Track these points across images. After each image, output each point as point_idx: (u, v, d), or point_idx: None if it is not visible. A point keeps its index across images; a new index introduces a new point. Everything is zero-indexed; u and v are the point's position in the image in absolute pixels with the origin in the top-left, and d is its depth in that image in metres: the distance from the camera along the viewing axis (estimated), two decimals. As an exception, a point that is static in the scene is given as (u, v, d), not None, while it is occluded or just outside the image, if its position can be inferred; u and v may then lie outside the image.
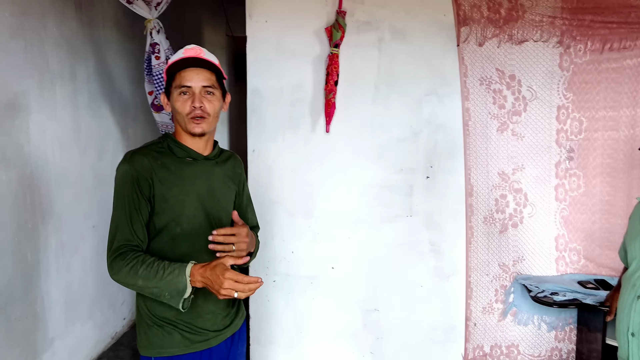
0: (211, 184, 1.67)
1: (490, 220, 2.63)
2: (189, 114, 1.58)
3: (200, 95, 1.58)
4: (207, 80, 1.60)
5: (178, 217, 1.59)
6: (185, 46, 1.64)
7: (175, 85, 1.59)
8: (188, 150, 1.64)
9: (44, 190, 2.77)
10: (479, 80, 2.55)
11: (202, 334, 1.64)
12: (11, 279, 2.51)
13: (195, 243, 1.62)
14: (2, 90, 2.43)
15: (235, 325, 1.76)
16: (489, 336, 2.70)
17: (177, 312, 1.58)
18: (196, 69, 1.58)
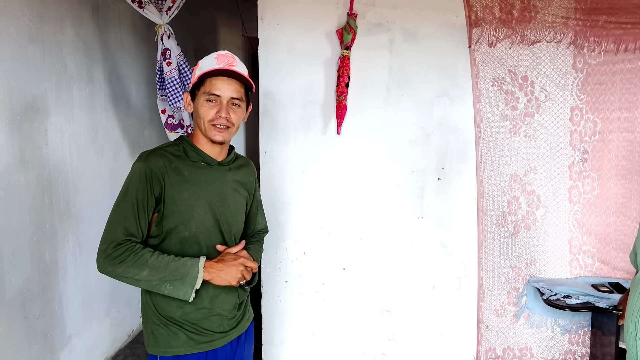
0: (222, 190, 1.70)
1: (502, 222, 2.61)
2: (212, 121, 1.60)
3: (227, 105, 1.61)
4: (237, 92, 1.62)
5: (187, 221, 1.61)
6: (218, 52, 1.65)
7: (204, 90, 1.60)
8: (203, 155, 1.67)
9: (61, 191, 2.83)
10: (491, 81, 2.54)
11: (208, 334, 1.66)
12: (30, 277, 2.57)
13: (203, 247, 1.65)
14: (21, 93, 2.49)
15: (242, 327, 1.78)
16: (501, 338, 2.68)
17: (184, 312, 1.62)
18: (228, 79, 1.60)
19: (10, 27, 2.40)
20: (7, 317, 2.41)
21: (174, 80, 2.88)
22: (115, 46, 3.46)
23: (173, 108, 2.96)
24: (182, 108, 2.97)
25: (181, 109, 2.97)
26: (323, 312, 2.73)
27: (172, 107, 2.94)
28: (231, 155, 1.76)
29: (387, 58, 2.58)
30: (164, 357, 1.63)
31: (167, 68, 2.87)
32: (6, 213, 2.39)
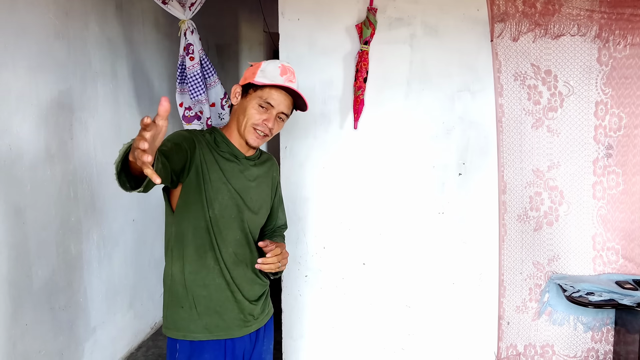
0: (247, 183, 1.73)
1: (524, 218, 2.58)
2: (257, 125, 1.64)
3: (275, 117, 1.66)
4: (287, 108, 1.70)
5: (212, 201, 1.63)
6: (282, 61, 1.72)
7: (260, 95, 1.64)
8: (232, 147, 1.71)
9: (86, 185, 2.89)
10: (514, 75, 2.51)
11: (227, 323, 1.68)
12: (55, 269, 2.63)
13: (222, 231, 1.67)
14: (47, 89, 2.55)
15: (261, 321, 1.80)
16: (522, 335, 2.66)
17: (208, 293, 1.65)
18: (285, 93, 1.66)
19: (36, 23, 2.45)
20: (34, 307, 2.47)
21: (196, 75, 2.92)
22: (138, 42, 3.50)
23: (194, 101, 3.00)
24: (203, 101, 3.00)
25: (202, 102, 3.00)
26: (343, 307, 2.74)
27: (192, 100, 2.98)
28: (257, 151, 1.80)
29: (408, 53, 2.56)
30: (182, 342, 1.66)
31: (189, 63, 2.90)
32: (33, 206, 2.45)
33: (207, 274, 1.66)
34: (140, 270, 3.58)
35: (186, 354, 1.66)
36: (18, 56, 2.33)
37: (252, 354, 1.78)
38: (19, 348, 2.37)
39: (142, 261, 3.62)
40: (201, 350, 1.66)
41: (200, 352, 1.66)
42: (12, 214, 2.31)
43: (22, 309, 2.38)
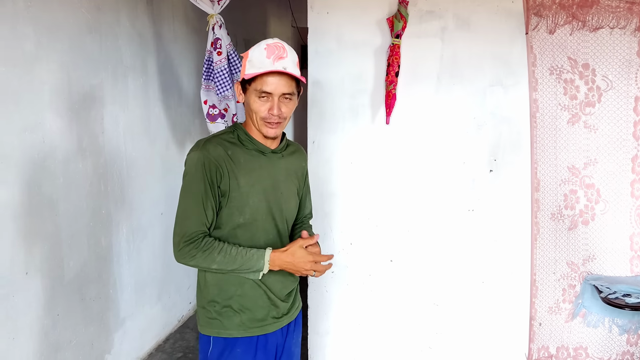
0: (275, 177, 1.71)
1: (558, 217, 2.51)
2: (265, 118, 1.60)
3: (279, 101, 1.60)
4: (288, 87, 1.60)
5: (242, 207, 1.63)
6: (266, 42, 1.61)
7: (255, 87, 1.58)
8: (256, 143, 1.68)
9: (116, 178, 2.93)
10: (549, 69, 2.44)
11: (261, 320, 1.69)
12: (86, 261, 2.68)
13: (255, 234, 1.68)
14: (79, 83, 2.58)
15: (292, 315, 1.80)
16: (555, 337, 2.59)
17: (242, 291, 1.66)
18: (278, 75, 1.57)
19: (69, 18, 2.49)
20: (66, 298, 2.52)
21: (223, 70, 2.91)
22: (168, 37, 3.53)
23: (220, 97, 2.99)
24: (229, 97, 3.00)
25: (229, 97, 3.00)
26: (369, 304, 2.72)
27: (219, 96, 2.97)
28: (283, 142, 1.77)
29: (439, 46, 2.51)
30: (216, 338, 1.67)
31: (216, 57, 2.90)
32: (65, 199, 2.49)
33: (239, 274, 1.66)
34: (168, 263, 3.61)
35: (219, 349, 1.67)
36: (51, 51, 2.37)
37: (284, 347, 1.79)
38: (51, 338, 2.41)
39: (170, 255, 3.64)
40: (233, 346, 1.67)
41: (232, 347, 1.67)
42: (45, 206, 2.36)
43: (54, 299, 2.43)
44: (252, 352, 1.69)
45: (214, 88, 3.02)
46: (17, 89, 2.17)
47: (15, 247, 2.18)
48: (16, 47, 2.16)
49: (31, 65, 2.25)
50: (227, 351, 1.67)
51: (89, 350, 2.71)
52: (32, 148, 2.26)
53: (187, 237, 1.57)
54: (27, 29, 2.21)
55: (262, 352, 1.71)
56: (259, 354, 1.70)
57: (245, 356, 1.68)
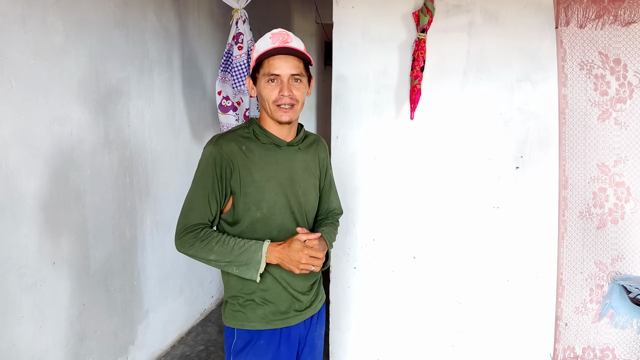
0: (293, 170, 1.70)
1: (586, 215, 2.46)
2: (276, 102, 1.60)
3: (289, 83, 1.60)
4: (296, 68, 1.61)
5: (259, 202, 1.63)
6: (271, 30, 1.65)
7: (264, 72, 1.61)
8: (272, 136, 1.68)
9: (141, 171, 2.96)
10: (579, 64, 2.39)
11: (283, 313, 1.69)
12: (112, 253, 2.71)
13: (273, 229, 1.68)
14: (106, 77, 2.61)
15: (315, 307, 1.80)
16: (581, 337, 2.54)
17: (265, 286, 1.66)
18: (285, 56, 1.59)
19: (97, 13, 2.52)
20: (91, 288, 2.56)
21: (241, 64, 2.92)
22: (193, 32, 3.55)
23: (235, 90, 3.01)
24: (244, 91, 3.02)
25: (244, 92, 3.02)
26: (391, 300, 2.70)
27: (235, 89, 2.98)
28: (300, 134, 1.76)
29: (466, 41, 2.48)
30: (240, 331, 1.68)
31: (237, 52, 2.91)
32: (92, 191, 2.53)
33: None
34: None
35: (243, 340, 1.68)
36: (80, 45, 2.40)
37: (307, 339, 1.79)
38: (76, 327, 2.45)
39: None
40: (257, 338, 1.68)
41: (256, 340, 1.68)
42: (72, 198, 2.39)
43: (80, 289, 2.47)
44: (276, 344, 1.69)
45: (230, 80, 3.03)
46: (46, 81, 2.20)
47: (43, 237, 2.22)
48: (46, 41, 2.19)
49: (60, 58, 2.28)
50: (251, 344, 1.68)
51: (113, 340, 2.75)
52: (60, 140, 2.30)
53: (188, 227, 1.60)
54: (57, 22, 2.25)
55: (285, 345, 1.71)
56: (282, 346, 1.70)
57: (268, 348, 1.68)
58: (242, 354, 1.68)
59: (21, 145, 2.08)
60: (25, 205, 2.11)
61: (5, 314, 2.02)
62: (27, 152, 2.11)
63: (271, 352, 1.69)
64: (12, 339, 2.06)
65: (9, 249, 2.04)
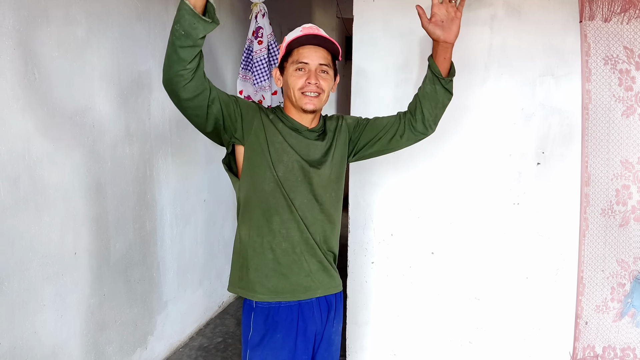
0: (311, 153, 1.72)
1: (609, 213, 2.42)
2: (302, 89, 1.63)
3: (316, 72, 1.64)
4: (324, 58, 1.66)
5: (276, 163, 1.64)
6: (302, 25, 1.70)
7: (292, 60, 1.65)
8: (292, 121, 1.71)
9: (161, 164, 2.99)
10: (603, 59, 2.34)
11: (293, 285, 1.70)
12: (132, 244, 2.74)
13: (287, 196, 1.66)
14: (128, 70, 2.64)
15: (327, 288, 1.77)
16: (601, 336, 2.50)
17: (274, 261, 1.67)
18: (314, 47, 1.64)
19: (119, 6, 2.54)
20: (112, 279, 2.59)
21: (262, 59, 2.91)
22: (213, 26, 3.56)
23: (257, 87, 2.99)
24: (266, 87, 3.00)
25: (265, 88, 3.00)
26: (409, 296, 2.69)
27: (255, 85, 2.97)
28: (320, 123, 1.79)
29: (487, 35, 2.45)
30: (256, 319, 1.68)
31: (257, 47, 2.91)
32: (113, 182, 2.56)
33: (273, 238, 1.67)
34: (209, 249, 3.67)
35: (260, 333, 1.68)
36: (102, 37, 2.43)
37: (323, 335, 1.78)
38: (97, 317, 2.49)
39: (212, 241, 3.72)
40: (275, 329, 1.67)
41: (273, 331, 1.67)
42: (94, 189, 2.43)
43: (100, 279, 2.50)
44: (292, 339, 1.69)
45: (251, 79, 3.02)
46: (68, 73, 2.23)
47: (65, 227, 2.26)
48: (69, 33, 2.22)
49: (82, 50, 2.31)
50: (268, 336, 1.68)
51: (132, 330, 2.79)
52: (82, 132, 2.33)
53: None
54: (79, 15, 2.28)
55: (301, 339, 1.71)
56: (298, 340, 1.70)
57: (285, 343, 1.69)
58: (259, 347, 1.68)
59: (44, 137, 2.11)
60: (48, 196, 2.15)
61: (27, 303, 2.06)
62: (50, 143, 2.14)
63: (288, 346, 1.69)
64: (34, 327, 2.10)
65: (32, 239, 2.08)
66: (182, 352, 3.27)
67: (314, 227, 1.72)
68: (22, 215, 2.02)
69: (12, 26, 1.93)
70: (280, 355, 1.68)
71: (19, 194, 2.00)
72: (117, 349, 2.66)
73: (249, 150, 1.65)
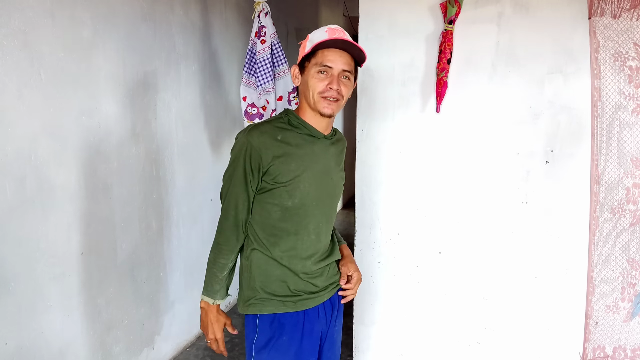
0: (327, 163, 1.70)
1: (619, 212, 2.39)
2: (323, 93, 1.59)
3: (338, 78, 1.59)
4: (348, 64, 1.61)
5: (292, 191, 1.61)
6: (328, 25, 1.65)
7: (315, 62, 1.59)
8: (309, 127, 1.66)
9: (167, 164, 2.99)
10: (613, 56, 2.31)
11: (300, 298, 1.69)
12: (138, 244, 2.75)
13: (303, 219, 1.66)
14: (134, 70, 2.64)
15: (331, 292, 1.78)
16: (612, 337, 2.47)
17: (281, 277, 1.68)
18: (340, 51, 1.59)
19: (125, 6, 2.54)
20: (118, 279, 2.59)
21: (265, 59, 2.87)
22: (220, 25, 3.57)
23: (260, 89, 2.93)
24: (269, 90, 2.93)
25: (269, 90, 2.93)
26: (416, 295, 2.67)
27: (259, 88, 2.91)
28: (332, 130, 1.77)
29: (495, 32, 2.42)
30: (261, 323, 1.67)
31: (260, 46, 2.87)
32: (119, 182, 2.56)
33: (282, 257, 1.66)
34: (216, 249, 3.67)
35: (266, 336, 1.68)
36: (108, 38, 2.43)
37: (327, 335, 1.79)
38: (104, 317, 2.49)
39: (219, 240, 3.71)
40: (280, 334, 1.67)
41: (279, 336, 1.67)
42: (100, 189, 2.43)
43: (107, 279, 2.51)
44: (298, 340, 1.68)
45: (254, 84, 2.95)
46: (75, 74, 2.23)
47: (72, 228, 2.26)
48: (74, 34, 2.22)
49: (88, 51, 2.31)
50: (273, 340, 1.67)
51: (139, 330, 2.79)
52: (89, 132, 2.33)
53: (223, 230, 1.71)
54: (85, 16, 2.28)
55: (307, 340, 1.70)
56: (304, 341, 1.69)
57: (291, 344, 1.68)
58: (264, 350, 1.67)
59: (50, 137, 2.11)
60: (54, 197, 2.15)
61: (34, 303, 2.07)
62: (56, 144, 2.15)
63: (294, 347, 1.68)
64: (41, 327, 2.10)
65: (38, 239, 2.08)
66: (189, 352, 3.27)
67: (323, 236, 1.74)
68: (28, 215, 2.02)
69: (18, 27, 1.93)
70: (287, 357, 1.67)
71: (26, 195, 2.00)
72: (124, 348, 2.67)
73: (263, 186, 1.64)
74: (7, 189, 1.91)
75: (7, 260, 1.93)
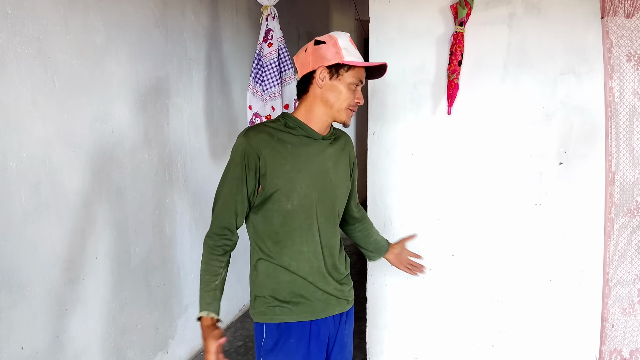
0: (325, 164, 1.70)
1: (635, 213, 2.36)
2: (351, 106, 1.66)
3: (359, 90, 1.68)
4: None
5: (289, 193, 1.62)
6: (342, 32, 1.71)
7: (354, 75, 1.63)
8: (306, 129, 1.67)
9: (180, 169, 3.01)
10: (627, 56, 2.28)
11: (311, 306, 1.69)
12: (151, 248, 2.77)
13: (304, 221, 1.66)
14: (146, 75, 2.67)
15: (343, 306, 1.79)
16: (629, 340, 2.44)
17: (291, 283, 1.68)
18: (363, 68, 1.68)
19: (137, 12, 2.57)
20: (132, 283, 2.61)
21: (272, 63, 2.83)
22: (231, 30, 3.59)
23: (266, 95, 2.89)
24: (276, 94, 2.90)
25: (275, 95, 2.90)
26: (429, 299, 2.65)
27: (265, 93, 2.88)
28: (331, 130, 1.76)
29: (506, 33, 2.41)
30: (269, 327, 1.68)
31: (267, 50, 2.84)
32: (132, 187, 2.58)
33: (289, 263, 1.67)
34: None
35: (273, 339, 1.68)
36: (120, 44, 2.46)
37: (336, 338, 1.78)
38: (118, 321, 2.51)
39: (231, 245, 3.73)
40: (287, 336, 1.67)
41: (286, 338, 1.67)
42: (114, 194, 2.45)
43: (121, 284, 2.53)
44: (305, 342, 1.68)
45: (261, 94, 2.91)
46: (88, 80, 2.26)
47: (86, 232, 2.28)
48: (87, 41, 2.25)
49: (101, 58, 2.34)
50: (281, 342, 1.67)
51: (153, 334, 2.81)
52: (102, 138, 2.36)
53: (215, 232, 1.71)
54: (98, 23, 2.31)
55: (315, 343, 1.70)
56: (312, 344, 1.69)
57: (299, 347, 1.68)
58: (272, 353, 1.67)
59: (64, 143, 2.14)
60: (69, 202, 2.18)
61: (49, 307, 2.09)
62: (70, 149, 2.17)
63: (301, 350, 1.68)
64: (56, 332, 2.12)
65: (53, 244, 2.10)
66: (203, 356, 3.27)
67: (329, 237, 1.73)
68: (43, 220, 2.05)
69: (32, 35, 1.96)
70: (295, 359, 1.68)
71: (40, 200, 2.03)
72: (139, 352, 2.68)
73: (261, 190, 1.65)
74: (22, 194, 1.94)
75: (23, 265, 1.95)
